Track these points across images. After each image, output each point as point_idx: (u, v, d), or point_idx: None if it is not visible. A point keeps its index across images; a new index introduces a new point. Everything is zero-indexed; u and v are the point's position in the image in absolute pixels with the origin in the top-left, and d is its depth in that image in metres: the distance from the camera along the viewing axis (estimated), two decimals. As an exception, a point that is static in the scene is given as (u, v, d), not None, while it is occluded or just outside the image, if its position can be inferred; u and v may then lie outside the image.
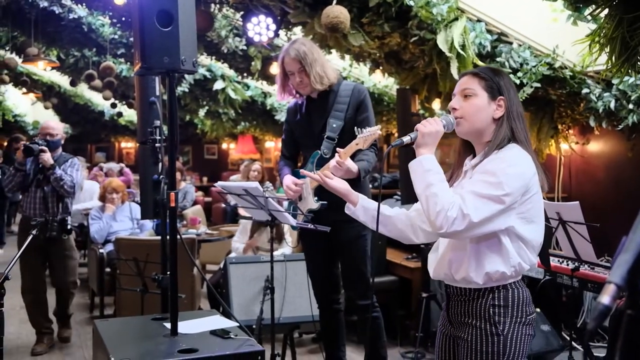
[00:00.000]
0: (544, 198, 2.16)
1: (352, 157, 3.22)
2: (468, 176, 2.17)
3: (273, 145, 14.80)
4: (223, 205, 11.24)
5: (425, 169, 2.05)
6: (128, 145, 18.48)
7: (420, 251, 4.88)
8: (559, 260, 3.99)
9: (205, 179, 16.20)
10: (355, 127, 2.97)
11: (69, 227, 4.74)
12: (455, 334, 2.18)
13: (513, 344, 2.04)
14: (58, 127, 5.10)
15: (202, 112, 11.11)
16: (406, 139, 2.17)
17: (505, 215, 1.99)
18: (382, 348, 3.61)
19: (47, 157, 4.76)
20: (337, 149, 3.00)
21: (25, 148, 4.73)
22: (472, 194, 1.96)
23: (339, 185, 2.43)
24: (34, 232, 3.40)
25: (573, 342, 4.17)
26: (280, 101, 3.60)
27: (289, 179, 3.50)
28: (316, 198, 3.39)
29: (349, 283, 3.59)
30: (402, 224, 2.34)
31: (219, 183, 3.33)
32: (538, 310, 4.29)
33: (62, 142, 5.10)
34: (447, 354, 2.25)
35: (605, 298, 0.92)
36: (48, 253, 4.99)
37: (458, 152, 2.31)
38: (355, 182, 3.19)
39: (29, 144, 4.79)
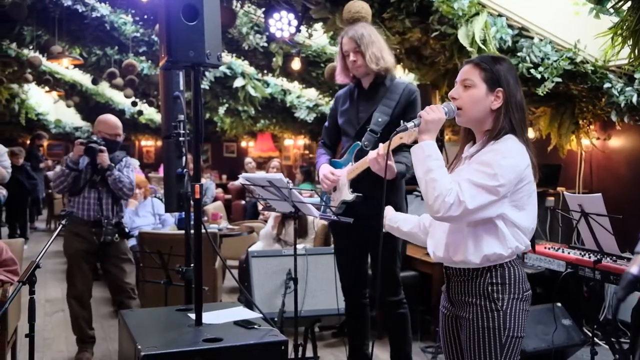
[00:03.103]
0: (568, 192, 2.22)
1: (393, 155, 3.25)
2: (466, 163, 2.26)
3: (292, 143, 14.78)
4: (242, 202, 11.30)
5: (426, 154, 2.16)
6: (148, 143, 18.63)
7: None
8: (580, 253, 3.97)
9: (224, 176, 16.26)
10: (402, 121, 2.88)
11: (126, 230, 4.62)
12: (457, 314, 2.27)
13: (512, 319, 2.15)
14: (121, 126, 4.81)
15: (221, 110, 11.17)
16: (410, 125, 2.29)
17: (499, 203, 2.10)
18: (407, 345, 3.61)
19: (105, 158, 4.49)
20: (380, 143, 3.02)
21: (87, 148, 4.45)
22: (469, 182, 2.07)
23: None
24: (63, 222, 3.44)
25: (595, 338, 4.15)
26: (340, 82, 3.64)
27: (326, 168, 3.51)
28: (351, 189, 3.40)
29: (379, 279, 3.58)
30: (418, 235, 2.51)
31: (243, 175, 3.38)
32: (559, 304, 4.28)
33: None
34: (450, 333, 2.35)
35: (634, 268, 0.94)
36: (102, 258, 4.73)
37: (461, 138, 2.41)
38: (391, 184, 3.23)
39: (89, 143, 4.48)
